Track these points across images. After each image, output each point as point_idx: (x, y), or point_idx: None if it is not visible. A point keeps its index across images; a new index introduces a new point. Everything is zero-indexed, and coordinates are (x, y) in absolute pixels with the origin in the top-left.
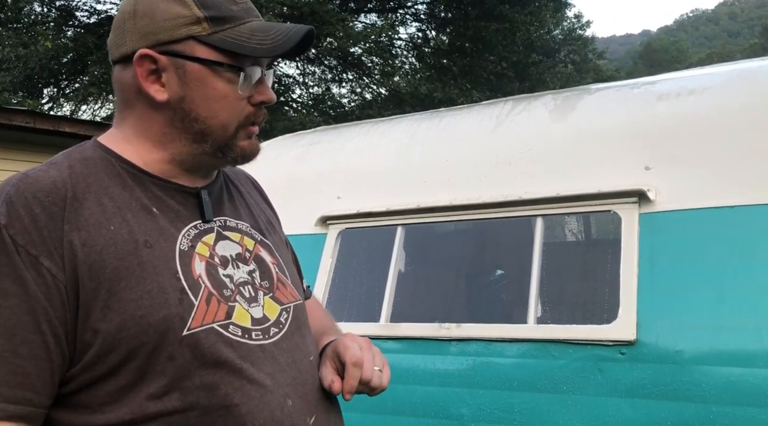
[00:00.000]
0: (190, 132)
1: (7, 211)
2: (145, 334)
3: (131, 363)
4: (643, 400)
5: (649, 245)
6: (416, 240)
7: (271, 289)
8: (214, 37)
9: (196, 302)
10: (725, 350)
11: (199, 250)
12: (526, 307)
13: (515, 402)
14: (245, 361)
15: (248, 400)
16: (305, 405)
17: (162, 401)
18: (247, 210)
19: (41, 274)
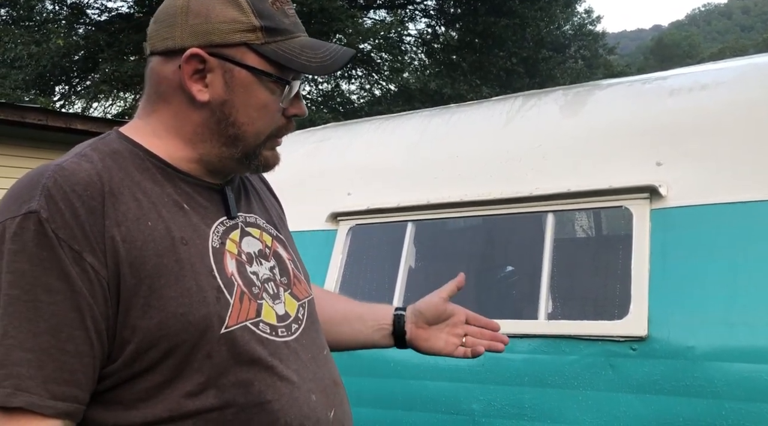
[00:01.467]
0: (223, 135)
1: (47, 205)
2: (186, 332)
3: (169, 360)
4: (655, 396)
5: (661, 241)
6: (427, 236)
7: (290, 285)
8: (266, 47)
9: (232, 300)
10: (738, 346)
11: (228, 248)
12: (537, 303)
13: (526, 397)
14: (275, 358)
15: (280, 396)
16: (326, 399)
17: (199, 399)
18: (260, 204)
19: (85, 269)
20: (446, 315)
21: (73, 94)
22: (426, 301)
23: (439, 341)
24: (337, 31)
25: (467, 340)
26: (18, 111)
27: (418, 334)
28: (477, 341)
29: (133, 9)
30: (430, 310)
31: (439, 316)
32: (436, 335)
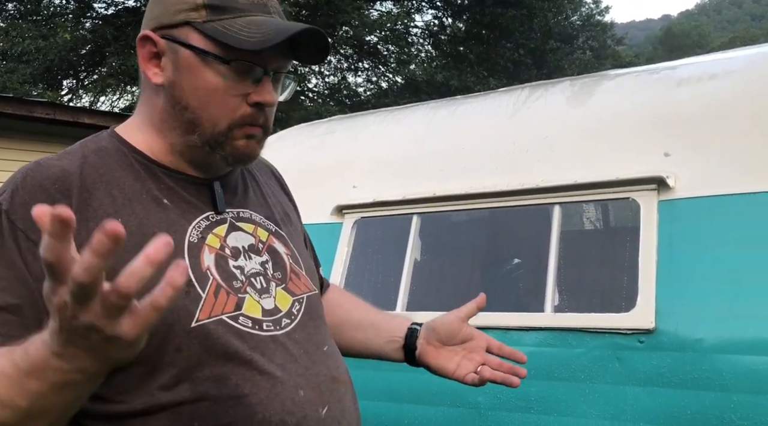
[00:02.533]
0: (180, 120)
1: (11, 197)
2: (153, 327)
3: (141, 354)
4: (663, 388)
5: (669, 233)
6: (432, 229)
7: (284, 281)
8: (207, 25)
9: (204, 294)
10: (746, 339)
11: (209, 242)
12: (543, 296)
13: (532, 390)
14: (255, 352)
15: (258, 390)
16: (317, 396)
17: (172, 392)
18: (263, 200)
19: (38, 259)
20: (462, 337)
21: (80, 88)
22: (441, 319)
23: (451, 363)
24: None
25: (481, 370)
26: (26, 105)
27: (428, 351)
28: (491, 373)
29: (139, 2)
30: (443, 327)
31: (454, 335)
32: (449, 356)
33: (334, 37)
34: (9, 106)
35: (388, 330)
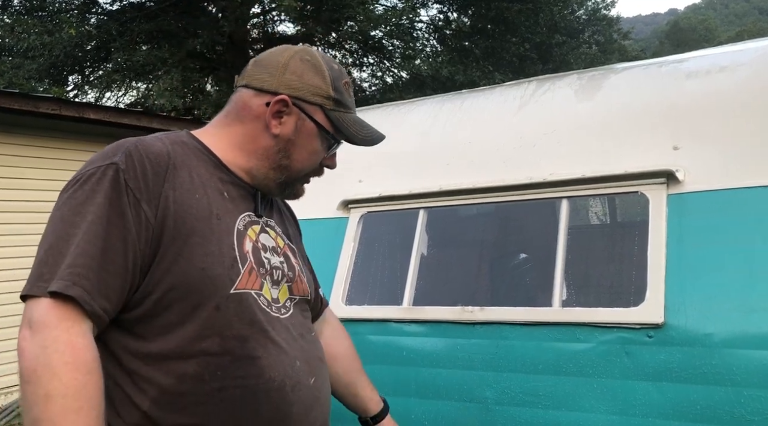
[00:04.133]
0: (276, 162)
1: (125, 160)
2: (202, 283)
3: (184, 303)
4: (672, 383)
5: (678, 226)
6: (439, 223)
7: (292, 281)
8: (333, 113)
9: (242, 270)
10: (757, 333)
11: (249, 234)
12: (551, 290)
13: (540, 385)
14: (269, 325)
15: (268, 355)
16: (309, 368)
17: (204, 343)
18: (280, 218)
19: (139, 214)
20: None
21: (86, 84)
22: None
23: None
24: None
25: None
26: (31, 101)
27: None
28: None
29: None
30: None
31: None
32: None
33: (339, 32)
34: (15, 102)
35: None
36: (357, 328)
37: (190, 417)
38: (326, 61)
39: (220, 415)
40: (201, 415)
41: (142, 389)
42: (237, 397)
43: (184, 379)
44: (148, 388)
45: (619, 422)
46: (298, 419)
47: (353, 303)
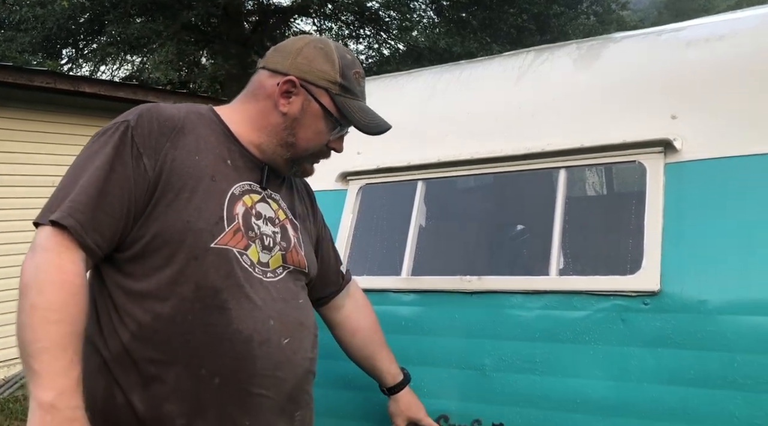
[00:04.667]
0: (283, 139)
1: (137, 120)
2: (185, 234)
3: (167, 250)
4: (666, 349)
5: (675, 195)
6: (437, 194)
7: (286, 250)
8: (338, 98)
9: (227, 229)
10: (752, 299)
11: (244, 200)
12: (548, 259)
13: (537, 352)
14: (246, 283)
15: (240, 309)
16: (283, 329)
17: (180, 287)
18: (290, 196)
19: (139, 165)
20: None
21: (80, 58)
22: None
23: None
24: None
25: None
26: (25, 74)
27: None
28: None
29: None
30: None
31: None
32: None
33: (335, 4)
34: (9, 75)
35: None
36: None
37: (158, 353)
38: (339, 51)
39: (185, 356)
40: (168, 353)
41: (124, 322)
42: (203, 343)
43: (159, 318)
44: (130, 322)
45: (614, 387)
46: (263, 373)
47: (352, 273)
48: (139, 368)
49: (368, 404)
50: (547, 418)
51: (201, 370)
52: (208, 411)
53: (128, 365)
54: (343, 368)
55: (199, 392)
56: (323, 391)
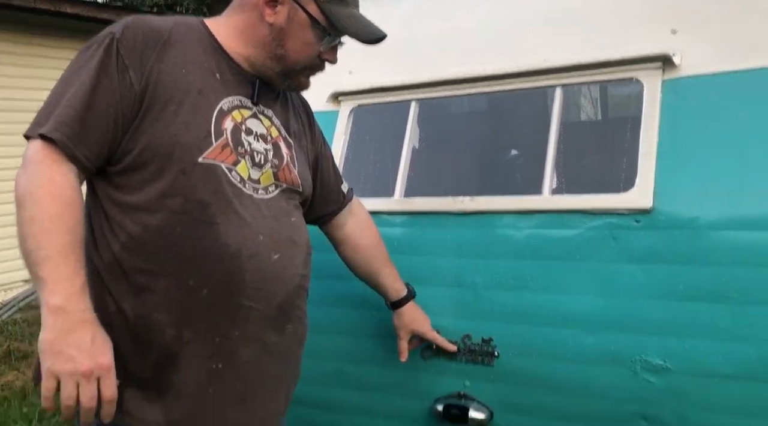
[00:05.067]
0: (272, 52)
1: (122, 32)
2: (171, 147)
3: (155, 163)
4: (656, 265)
5: (672, 112)
6: (431, 116)
7: (278, 168)
8: (326, 5)
9: (215, 143)
10: (742, 215)
11: (234, 115)
12: (541, 179)
13: (527, 271)
14: (235, 198)
15: (228, 223)
16: (274, 245)
17: (169, 201)
18: (286, 113)
19: (125, 78)
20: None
21: None
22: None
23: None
24: None
25: None
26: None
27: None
28: None
29: None
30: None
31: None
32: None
33: None
34: None
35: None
36: None
37: (148, 264)
38: None
39: (173, 268)
40: (157, 264)
41: (115, 233)
42: (191, 255)
43: (148, 229)
44: (120, 233)
45: (603, 303)
46: (252, 286)
47: None
48: (129, 278)
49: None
50: (536, 333)
51: (189, 282)
52: (196, 321)
53: (119, 275)
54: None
55: (188, 303)
56: (322, 309)
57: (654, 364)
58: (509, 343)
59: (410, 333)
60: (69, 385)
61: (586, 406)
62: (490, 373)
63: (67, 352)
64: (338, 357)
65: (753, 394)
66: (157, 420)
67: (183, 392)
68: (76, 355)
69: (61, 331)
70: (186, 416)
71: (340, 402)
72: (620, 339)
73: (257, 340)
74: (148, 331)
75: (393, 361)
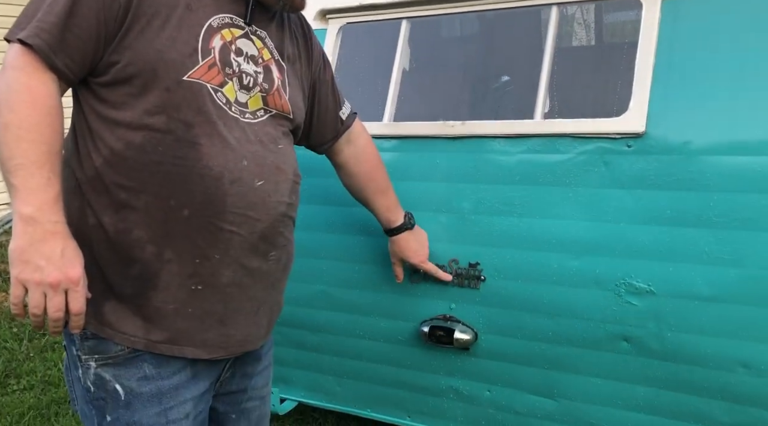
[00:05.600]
0: None
1: None
2: (156, 64)
3: (139, 79)
4: (645, 190)
5: (670, 34)
6: (422, 36)
7: (267, 92)
8: None
9: (201, 62)
10: (733, 140)
11: (223, 33)
12: (534, 103)
13: (516, 195)
14: (220, 120)
15: (211, 145)
16: (258, 170)
17: (152, 118)
18: (281, 35)
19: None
20: None
21: None
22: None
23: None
24: None
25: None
26: None
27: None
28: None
29: None
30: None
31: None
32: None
33: None
34: None
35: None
36: None
37: (129, 180)
38: None
39: (154, 186)
40: (137, 181)
41: (98, 147)
42: (172, 174)
43: (130, 146)
44: (102, 148)
45: (591, 227)
46: (233, 211)
47: None
48: (110, 192)
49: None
50: (523, 257)
51: (170, 201)
52: (177, 241)
53: (100, 189)
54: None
55: (169, 222)
56: (311, 233)
57: (637, 287)
58: (496, 267)
59: (401, 261)
60: (36, 295)
61: (568, 328)
62: (476, 296)
63: (36, 262)
64: (326, 280)
65: (730, 315)
66: (136, 334)
67: (162, 310)
68: (45, 265)
69: (32, 241)
70: (165, 334)
71: (327, 324)
72: (606, 263)
73: (238, 264)
74: (129, 247)
75: (380, 284)
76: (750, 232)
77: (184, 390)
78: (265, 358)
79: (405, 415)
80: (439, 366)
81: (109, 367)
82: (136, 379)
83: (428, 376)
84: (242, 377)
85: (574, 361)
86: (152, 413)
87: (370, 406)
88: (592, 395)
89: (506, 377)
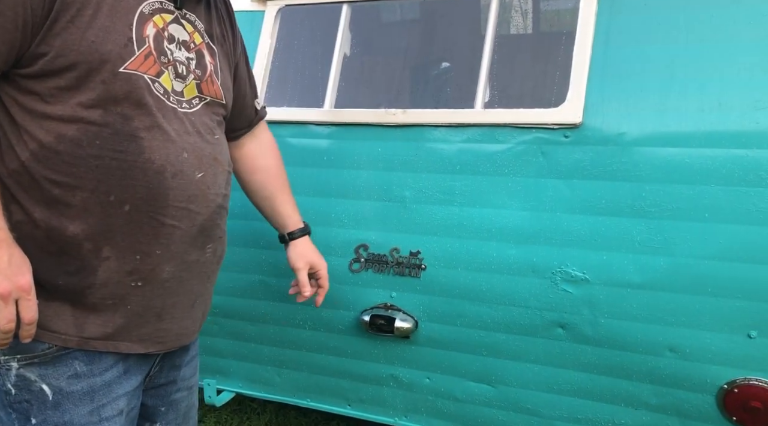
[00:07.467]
0: None
1: None
2: (90, 56)
3: (72, 72)
4: (581, 180)
5: (606, 27)
6: (364, 21)
7: (201, 79)
8: None
9: (137, 52)
10: (665, 132)
11: (155, 19)
12: (475, 93)
13: (456, 185)
14: (159, 112)
15: (152, 139)
16: (198, 163)
17: (87, 111)
18: (209, 16)
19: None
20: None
21: None
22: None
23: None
24: None
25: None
26: None
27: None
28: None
29: None
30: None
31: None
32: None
33: None
34: None
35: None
36: (276, 130)
37: (61, 175)
38: None
39: (91, 182)
40: (72, 177)
41: (24, 141)
42: (112, 168)
43: (62, 139)
44: (30, 141)
45: (528, 217)
46: (175, 205)
47: (271, 104)
48: (41, 187)
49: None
50: (462, 245)
51: (110, 197)
52: (116, 238)
53: (28, 183)
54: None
55: (108, 218)
56: (247, 223)
57: (573, 275)
58: (436, 255)
59: (308, 264)
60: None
61: (506, 315)
62: (417, 285)
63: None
64: (265, 270)
65: (659, 302)
66: (68, 332)
67: (99, 307)
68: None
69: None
70: (100, 330)
71: (266, 314)
72: (543, 251)
73: (178, 259)
74: (64, 243)
75: None
76: (680, 222)
77: (117, 386)
78: (193, 348)
79: (345, 404)
80: (380, 354)
81: (34, 367)
82: (65, 378)
83: (369, 364)
84: (171, 369)
85: (511, 347)
86: (84, 412)
87: (309, 396)
88: (529, 381)
89: (446, 364)
